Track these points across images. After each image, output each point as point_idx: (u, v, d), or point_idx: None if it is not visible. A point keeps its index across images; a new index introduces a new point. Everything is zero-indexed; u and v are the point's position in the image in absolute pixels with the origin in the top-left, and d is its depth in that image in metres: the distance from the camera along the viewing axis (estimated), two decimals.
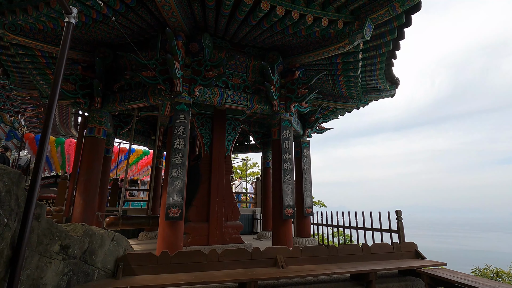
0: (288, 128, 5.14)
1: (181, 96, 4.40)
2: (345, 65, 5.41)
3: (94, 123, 5.02)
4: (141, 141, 8.10)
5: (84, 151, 4.93)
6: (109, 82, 5.26)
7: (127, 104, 4.91)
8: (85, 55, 5.14)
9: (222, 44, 5.01)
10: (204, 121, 5.72)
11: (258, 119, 8.39)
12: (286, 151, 4.96)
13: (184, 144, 4.19)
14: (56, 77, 2.36)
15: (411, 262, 3.83)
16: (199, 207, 5.32)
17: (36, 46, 4.71)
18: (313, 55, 4.92)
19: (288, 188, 4.81)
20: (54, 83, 2.36)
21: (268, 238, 7.86)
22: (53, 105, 2.28)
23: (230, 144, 5.87)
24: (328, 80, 6.20)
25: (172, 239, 3.93)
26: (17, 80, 6.67)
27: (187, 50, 4.67)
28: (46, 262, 2.22)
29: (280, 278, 3.00)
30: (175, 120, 4.25)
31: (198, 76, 4.48)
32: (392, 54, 5.40)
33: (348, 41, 4.39)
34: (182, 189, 4.03)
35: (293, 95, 5.13)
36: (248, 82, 5.19)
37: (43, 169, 14.68)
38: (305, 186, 6.47)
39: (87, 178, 4.82)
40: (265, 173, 8.67)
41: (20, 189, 1.67)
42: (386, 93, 7.12)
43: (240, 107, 4.99)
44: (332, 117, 8.22)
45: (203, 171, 5.53)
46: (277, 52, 5.18)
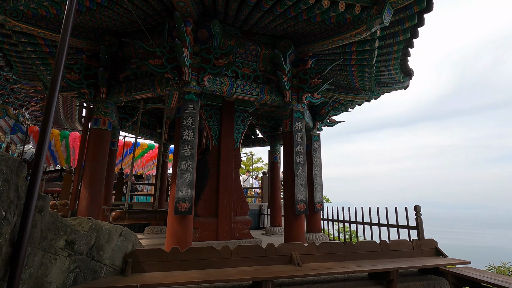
0: (300, 120, 4.93)
1: (189, 86, 4.20)
2: (359, 54, 5.17)
3: (99, 114, 4.85)
4: (147, 134, 7.94)
5: (89, 143, 4.77)
6: (115, 72, 5.07)
7: (134, 95, 4.72)
8: (89, 44, 4.95)
9: (232, 32, 4.79)
10: (212, 113, 5.52)
11: (266, 112, 8.19)
12: (298, 144, 4.76)
13: (193, 136, 4.01)
14: (57, 62, 2.17)
15: (433, 260, 3.64)
16: (208, 201, 5.15)
17: (39, 34, 4.52)
18: (327, 43, 4.68)
19: (301, 182, 4.61)
20: (56, 68, 2.17)
21: (276, 233, 7.70)
22: (55, 92, 2.09)
23: (239, 137, 5.68)
24: (341, 71, 5.96)
25: (181, 234, 3.77)
26: (20, 71, 6.51)
27: (195, 37, 4.46)
28: (51, 258, 2.07)
29: (297, 276, 2.83)
30: (183, 111, 4.06)
31: (207, 65, 4.27)
32: (409, 43, 5.13)
33: (365, 27, 4.15)
34: (192, 182, 3.86)
35: (306, 85, 4.91)
36: (259, 71, 4.98)
37: (48, 163, 14.65)
38: (315, 180, 6.28)
39: (93, 171, 4.66)
40: (272, 167, 8.48)
41: (20, 178, 1.50)
42: (399, 85, 6.86)
43: (251, 98, 4.79)
44: (343, 110, 7.98)
45: (211, 165, 5.36)
46: (289, 40, 4.95)
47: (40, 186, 7.81)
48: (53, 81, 1.94)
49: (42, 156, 1.59)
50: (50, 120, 1.79)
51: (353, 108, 8.18)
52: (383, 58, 5.48)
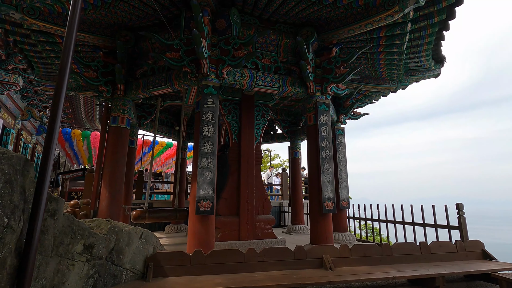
0: (326, 112, 4.62)
1: (208, 79, 4.00)
2: (389, 40, 4.77)
3: (117, 112, 4.75)
4: (165, 132, 7.86)
5: (108, 142, 4.69)
6: (132, 68, 4.96)
7: (151, 91, 4.58)
8: (106, 41, 4.84)
9: (251, 21, 4.53)
10: (231, 108, 5.31)
11: (285, 106, 7.89)
12: (324, 138, 4.46)
13: (214, 131, 3.80)
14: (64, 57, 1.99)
15: (481, 264, 3.26)
16: (229, 200, 4.96)
17: (56, 32, 4.46)
18: (354, 29, 4.33)
19: (328, 179, 4.32)
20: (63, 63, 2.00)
21: (299, 232, 7.44)
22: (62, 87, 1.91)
23: (259, 132, 5.44)
24: (367, 59, 5.57)
25: (203, 235, 3.59)
26: (41, 72, 6.56)
27: (213, 28, 4.24)
28: (68, 264, 1.91)
29: (332, 282, 2.56)
30: (202, 105, 3.87)
31: (226, 56, 4.05)
32: (444, 25, 4.68)
33: (398, 8, 3.78)
34: (213, 180, 3.66)
35: (331, 75, 4.59)
36: (280, 62, 4.70)
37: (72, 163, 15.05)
38: (340, 177, 5.94)
39: (112, 170, 4.58)
40: (293, 163, 8.19)
41: (27, 179, 1.34)
42: (430, 73, 6.37)
43: (272, 90, 4.52)
44: (367, 102, 7.56)
45: (232, 161, 5.15)
46: (312, 28, 4.63)
47: (65, 185, 7.95)
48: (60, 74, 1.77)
49: (51, 154, 1.42)
50: (58, 116, 1.63)
51: (378, 100, 7.73)
52: (414, 43, 5.05)
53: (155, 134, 6.05)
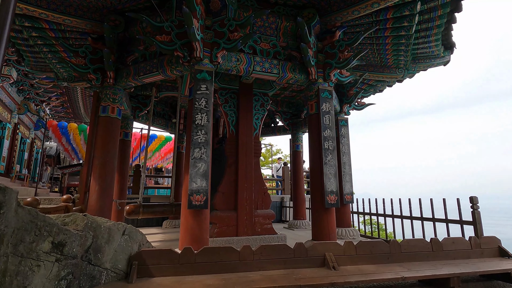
0: (328, 100, 4.32)
1: (202, 63, 3.71)
2: (396, 22, 4.44)
3: (107, 101, 4.49)
4: (162, 124, 7.60)
5: (98, 132, 4.44)
6: (122, 55, 4.68)
7: (142, 78, 4.30)
8: (94, 25, 4.55)
9: (248, 3, 4.22)
10: (228, 97, 5.03)
11: (286, 97, 7.60)
12: (326, 127, 4.17)
13: (207, 120, 3.53)
14: None
15: (499, 262, 2.99)
16: (226, 193, 4.71)
17: (41, 15, 4.19)
18: (359, 9, 4.01)
19: (331, 171, 4.04)
20: None
21: (300, 227, 7.19)
22: None
23: (258, 123, 5.16)
24: (372, 45, 5.24)
25: (196, 231, 3.35)
26: (32, 63, 6.30)
27: (207, 9, 3.94)
28: (32, 265, 1.66)
29: (335, 284, 2.30)
30: (195, 91, 3.59)
31: (221, 39, 3.75)
32: (456, 5, 4.34)
33: None
34: (207, 172, 3.40)
35: (334, 60, 4.28)
36: (279, 47, 4.39)
37: (71, 157, 14.86)
38: (344, 169, 5.66)
39: (102, 162, 4.33)
40: (294, 156, 7.92)
41: None
42: (438, 60, 6.03)
43: (271, 77, 4.23)
44: (371, 92, 7.22)
45: (229, 153, 4.89)
46: (313, 9, 4.30)
47: (63, 180, 7.71)
48: None
49: None
50: None
51: (382, 91, 7.41)
52: (423, 26, 4.72)
53: (150, 126, 5.79)
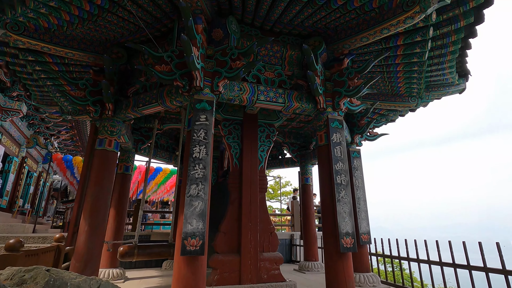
0: (339, 130, 4.00)
1: (202, 93, 3.50)
2: (408, 49, 4.23)
3: (104, 133, 4.28)
4: (165, 157, 7.35)
5: (93, 166, 4.17)
6: (123, 87, 4.56)
7: (141, 109, 4.12)
8: (97, 58, 4.50)
9: (252, 32, 4.11)
10: (232, 128, 4.77)
11: (294, 128, 7.33)
12: (338, 160, 3.79)
13: (206, 152, 3.22)
14: None
15: None
16: (228, 234, 4.25)
17: (43, 49, 4.15)
18: (368, 36, 3.82)
19: (345, 210, 3.59)
20: None
21: (312, 270, 6.50)
22: None
23: (263, 155, 4.82)
24: (382, 73, 5.01)
25: (191, 281, 2.88)
26: (38, 97, 6.31)
27: (209, 38, 3.82)
28: None
29: None
30: (194, 122, 3.33)
31: (223, 68, 3.57)
32: (471, 31, 4.13)
33: (419, 8, 3.27)
34: (204, 211, 3.01)
35: (343, 88, 4.03)
36: (285, 76, 4.20)
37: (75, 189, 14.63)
38: (358, 205, 5.16)
39: (95, 198, 4.01)
40: (304, 190, 7.44)
41: None
42: (453, 89, 5.73)
43: (276, 106, 3.98)
44: (383, 122, 6.91)
45: (232, 188, 4.51)
46: (319, 38, 4.16)
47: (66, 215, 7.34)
48: None
49: None
50: None
51: (395, 120, 7.09)
52: (436, 53, 4.49)
53: (150, 159, 5.53)
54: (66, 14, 3.63)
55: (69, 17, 3.69)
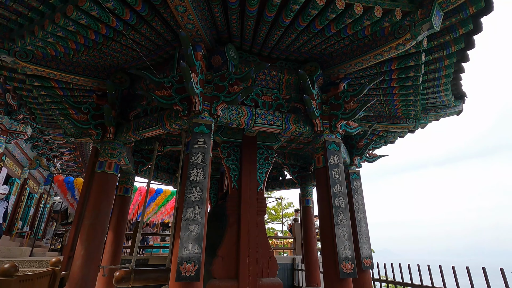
0: (336, 152, 4.03)
1: (200, 117, 3.58)
2: (402, 73, 4.35)
3: (105, 156, 4.34)
4: (165, 179, 7.35)
5: (92, 189, 4.19)
6: (125, 110, 4.68)
7: (142, 132, 4.20)
8: (101, 83, 4.66)
9: (250, 59, 4.27)
10: (230, 151, 4.81)
11: (294, 150, 7.36)
12: (336, 182, 3.79)
13: (204, 176, 3.24)
14: None
15: None
16: (226, 258, 4.17)
17: (49, 75, 4.32)
18: (362, 61, 3.95)
19: (344, 233, 3.53)
20: None
21: None
22: None
23: (262, 177, 4.83)
24: (379, 96, 5.12)
25: None
26: (42, 120, 6.48)
27: (208, 64, 3.97)
28: None
29: None
30: (192, 146, 3.38)
31: (221, 92, 3.68)
32: (463, 56, 4.25)
33: (409, 35, 3.40)
34: (200, 236, 2.99)
35: (340, 111, 4.10)
36: (282, 99, 4.29)
37: None
38: (359, 229, 5.06)
39: (92, 222, 3.99)
40: (304, 212, 7.34)
41: None
42: (450, 110, 5.81)
43: (274, 129, 4.04)
44: (382, 143, 6.94)
45: (231, 211, 4.48)
46: (316, 63, 4.30)
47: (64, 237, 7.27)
48: None
49: None
50: None
51: (394, 141, 7.13)
52: (430, 76, 4.60)
53: (150, 181, 5.54)
54: (73, 43, 3.81)
55: (76, 45, 3.87)
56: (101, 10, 3.23)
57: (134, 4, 3.20)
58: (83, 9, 3.16)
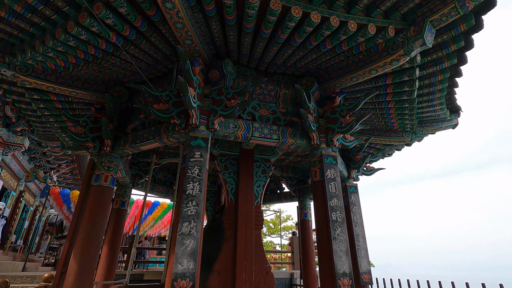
0: (333, 166, 4.03)
1: (197, 130, 3.60)
2: (397, 87, 4.42)
3: (101, 169, 4.32)
4: (162, 192, 7.29)
5: (88, 202, 4.15)
6: (123, 123, 4.70)
7: (139, 145, 4.21)
8: (99, 97, 4.70)
9: (247, 73, 4.34)
10: (228, 164, 4.81)
11: (292, 162, 7.35)
12: (333, 196, 3.78)
13: (200, 189, 3.23)
14: None
15: None
16: (223, 273, 4.10)
17: (48, 88, 4.36)
18: (357, 76, 4.02)
19: (341, 248, 3.50)
20: None
21: None
22: None
23: (259, 190, 4.81)
24: (375, 110, 5.18)
25: None
26: (40, 132, 6.49)
27: (206, 79, 4.03)
28: None
29: None
30: (189, 159, 3.39)
31: (218, 106, 3.72)
32: (456, 71, 4.34)
33: (403, 51, 3.48)
34: (195, 251, 2.95)
35: (336, 125, 4.14)
36: (279, 113, 4.34)
37: None
38: (358, 243, 5.02)
39: (87, 236, 3.93)
40: (302, 226, 7.27)
41: None
42: (446, 124, 5.86)
43: (270, 142, 4.06)
44: (380, 156, 6.96)
45: (227, 225, 4.43)
46: (312, 78, 4.37)
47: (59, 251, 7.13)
48: None
49: None
50: None
51: (391, 154, 7.15)
52: (425, 91, 4.68)
53: (146, 194, 5.51)
54: (73, 57, 3.87)
55: (75, 60, 3.93)
56: (101, 26, 3.30)
57: (134, 21, 3.27)
58: (83, 25, 3.24)
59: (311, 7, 3.15)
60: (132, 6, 3.15)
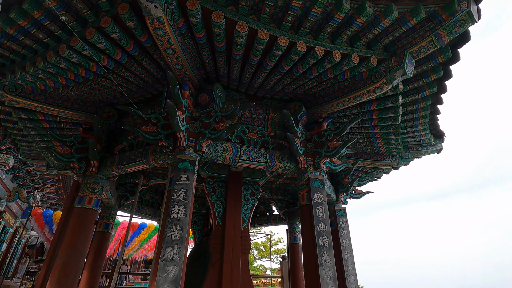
0: (320, 190, 4.05)
1: (185, 153, 3.60)
2: (381, 113, 4.57)
3: (86, 190, 4.23)
4: (149, 213, 7.12)
5: (68, 226, 4.01)
6: (111, 144, 4.67)
7: (126, 167, 4.16)
8: (88, 117, 4.69)
9: (236, 97, 4.43)
10: (216, 186, 4.78)
11: (281, 184, 7.34)
12: (320, 221, 3.76)
13: (185, 213, 3.18)
14: None
15: None
16: None
17: (36, 108, 4.35)
18: (343, 102, 4.15)
19: (328, 274, 3.43)
20: None
21: None
22: None
23: (247, 214, 4.75)
24: (361, 134, 5.30)
25: None
26: (26, 151, 6.37)
27: (196, 102, 4.09)
28: None
29: None
30: (175, 182, 3.36)
31: (207, 129, 3.75)
32: (437, 99, 4.53)
33: (385, 80, 3.63)
34: (178, 278, 2.85)
35: (323, 149, 4.20)
36: (267, 136, 4.39)
37: None
38: (346, 268, 4.94)
39: (66, 261, 3.77)
40: (292, 250, 7.14)
41: None
42: (431, 148, 6.02)
43: (258, 165, 4.07)
44: (368, 180, 7.01)
45: (214, 249, 4.33)
46: (299, 103, 4.49)
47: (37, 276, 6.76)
48: None
49: None
50: None
51: (380, 178, 7.23)
52: (409, 117, 4.84)
53: (131, 217, 5.38)
54: (63, 79, 3.90)
55: (66, 81, 3.96)
56: (93, 50, 3.36)
57: (126, 46, 3.35)
58: (75, 48, 3.30)
59: (297, 37, 3.30)
60: (124, 32, 3.25)
